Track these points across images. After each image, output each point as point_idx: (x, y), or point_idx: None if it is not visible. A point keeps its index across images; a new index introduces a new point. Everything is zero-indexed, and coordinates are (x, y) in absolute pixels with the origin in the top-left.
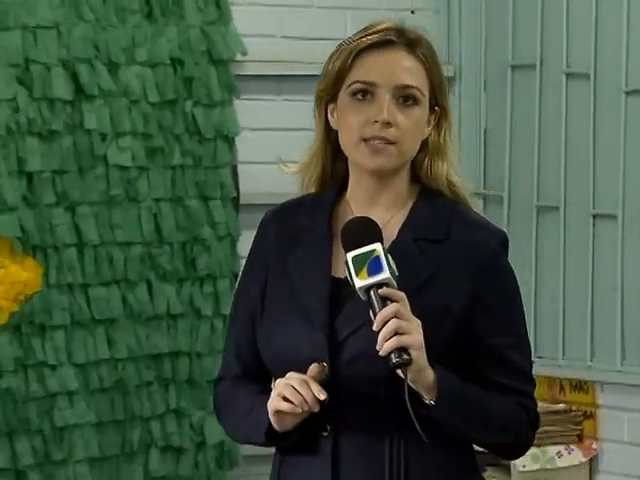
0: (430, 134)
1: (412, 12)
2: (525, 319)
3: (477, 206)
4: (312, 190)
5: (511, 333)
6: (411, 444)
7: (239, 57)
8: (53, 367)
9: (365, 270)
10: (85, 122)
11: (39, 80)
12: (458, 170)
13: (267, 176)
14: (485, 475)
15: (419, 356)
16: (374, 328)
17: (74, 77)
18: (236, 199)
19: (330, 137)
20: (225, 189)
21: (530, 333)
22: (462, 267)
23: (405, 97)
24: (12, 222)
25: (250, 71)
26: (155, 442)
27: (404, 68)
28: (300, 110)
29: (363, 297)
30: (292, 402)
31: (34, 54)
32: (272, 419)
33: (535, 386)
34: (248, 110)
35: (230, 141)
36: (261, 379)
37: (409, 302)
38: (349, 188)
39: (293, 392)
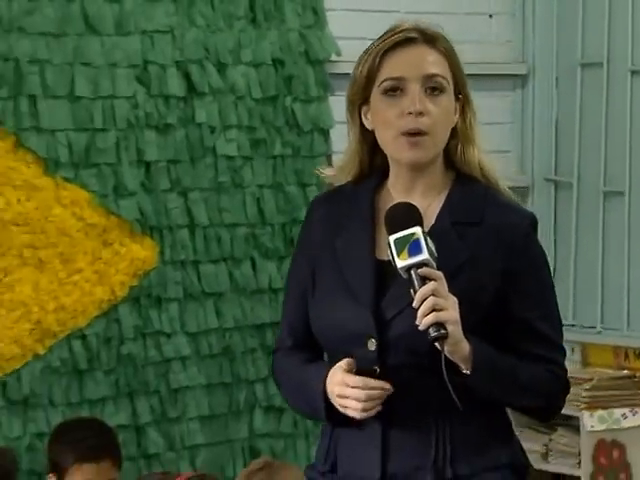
0: (457, 121)
1: (490, 16)
2: (555, 294)
3: (506, 189)
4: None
5: (541, 307)
6: (454, 413)
7: (333, 57)
8: (168, 335)
9: (406, 251)
10: (196, 116)
11: (156, 79)
12: (487, 155)
13: None
14: (555, 434)
15: (455, 330)
16: (414, 305)
17: (186, 76)
18: (330, 185)
19: (366, 138)
20: (320, 176)
21: (597, 307)
22: (496, 248)
23: (432, 87)
24: (132, 206)
25: (343, 70)
26: (259, 402)
27: (428, 60)
28: None
29: (404, 276)
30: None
31: (151, 56)
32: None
33: (565, 354)
34: (341, 105)
35: (325, 133)
36: (312, 350)
37: (447, 282)
38: (390, 178)
39: (359, 403)
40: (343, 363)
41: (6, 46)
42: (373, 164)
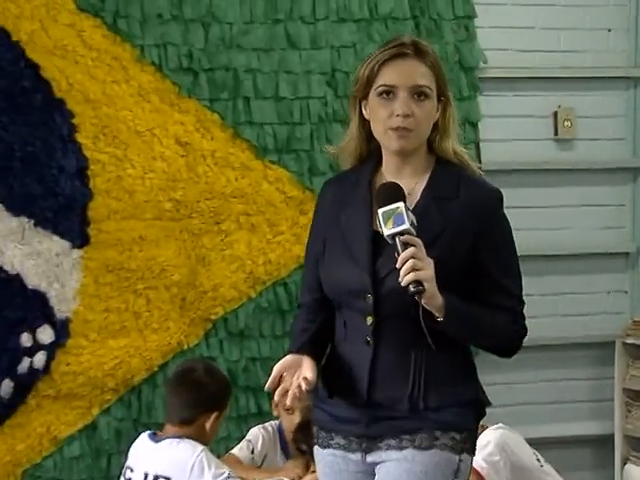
0: (438, 118)
1: (609, 30)
2: (517, 255)
3: (477, 169)
4: (350, 165)
5: (505, 265)
6: (429, 356)
7: (481, 65)
8: None
9: (391, 222)
10: None
11: (342, 83)
12: (460, 143)
13: (500, 150)
14: (635, 367)
15: (430, 286)
16: (397, 266)
17: None
18: (478, 167)
19: (364, 125)
20: (470, 158)
21: None
22: (469, 217)
23: (418, 94)
24: (322, 183)
25: (489, 74)
26: None
27: (417, 72)
28: (527, 102)
29: (390, 242)
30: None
31: (338, 65)
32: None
33: (524, 304)
34: (488, 102)
35: (474, 125)
36: (325, 304)
37: (428, 246)
38: (383, 164)
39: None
40: (305, 377)
41: (227, 59)
42: (369, 148)
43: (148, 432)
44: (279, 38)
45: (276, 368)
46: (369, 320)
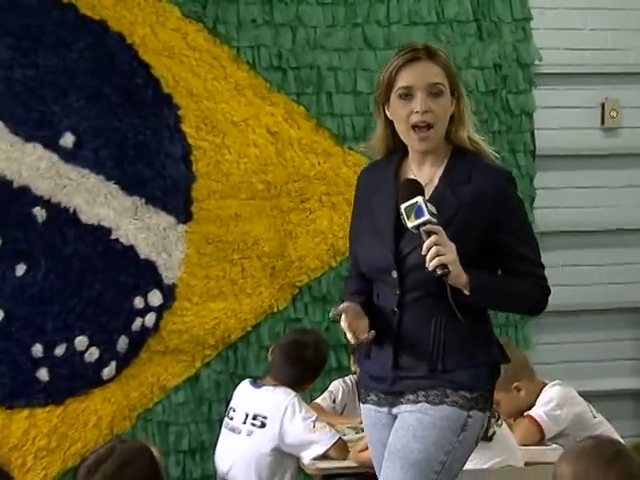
0: (454, 111)
1: None
2: (531, 226)
3: (491, 155)
4: (381, 156)
5: (521, 236)
6: (449, 322)
7: (536, 62)
8: None
9: (413, 215)
10: None
11: None
12: (475, 132)
13: (553, 137)
14: None
15: (455, 268)
16: (422, 253)
17: None
18: (533, 151)
19: (389, 125)
20: (526, 145)
21: None
22: (482, 200)
23: (434, 92)
24: None
25: (543, 71)
26: None
27: (430, 73)
28: (577, 95)
29: (415, 232)
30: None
31: None
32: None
33: (544, 268)
34: (542, 95)
35: (530, 115)
36: (365, 278)
37: (445, 226)
38: (409, 155)
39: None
40: (363, 336)
41: (312, 58)
42: (396, 143)
43: (249, 379)
44: (357, 39)
45: (346, 305)
46: (395, 292)
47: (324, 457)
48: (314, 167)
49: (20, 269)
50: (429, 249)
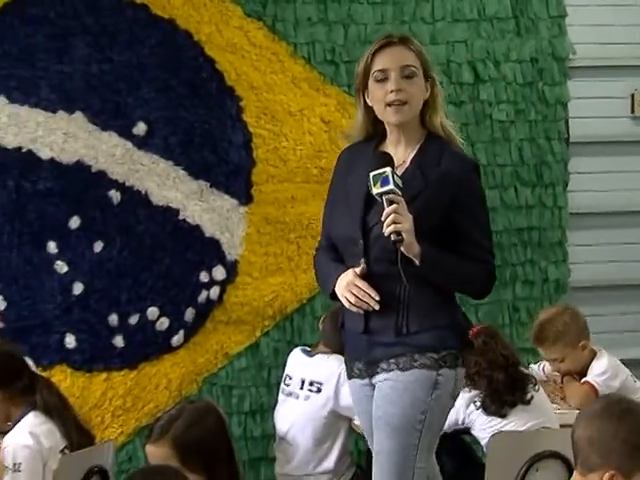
0: (428, 97)
1: None
2: (488, 215)
3: (460, 143)
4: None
5: (477, 223)
6: (411, 286)
7: (570, 56)
8: None
9: (379, 183)
10: (480, 95)
11: (454, 72)
12: (447, 119)
13: (586, 126)
14: None
15: (408, 236)
16: (382, 219)
17: (474, 70)
18: (567, 139)
19: (368, 112)
20: (561, 133)
21: None
22: (447, 182)
23: (407, 74)
24: None
25: (577, 64)
26: (519, 278)
27: (403, 56)
28: (608, 86)
29: (378, 199)
30: (357, 305)
31: (452, 57)
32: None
33: (494, 256)
34: (576, 87)
35: (564, 105)
36: (336, 249)
37: (410, 202)
38: (387, 137)
39: (357, 299)
40: (357, 269)
41: (362, 53)
42: (375, 129)
43: (301, 348)
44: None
45: (346, 287)
46: (361, 262)
47: None
48: None
49: (97, 246)
50: (388, 216)
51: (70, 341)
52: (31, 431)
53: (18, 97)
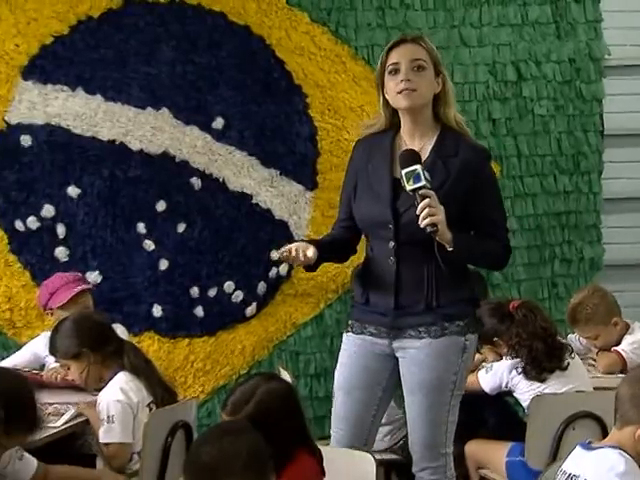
0: (440, 91)
1: None
2: (502, 199)
3: (470, 134)
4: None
5: (494, 205)
6: (437, 268)
7: (606, 56)
8: None
9: (412, 180)
10: (523, 92)
11: (500, 71)
12: (458, 113)
13: (619, 120)
14: None
15: (442, 226)
16: (417, 212)
17: (517, 69)
18: (602, 132)
19: (387, 105)
20: (596, 126)
21: None
22: (465, 171)
23: (417, 66)
24: (485, 145)
25: (612, 64)
26: (557, 256)
27: (414, 50)
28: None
29: (411, 194)
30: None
31: (497, 58)
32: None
33: (508, 232)
34: (610, 84)
35: (599, 101)
36: (348, 230)
37: (437, 194)
38: (401, 129)
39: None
40: (311, 252)
41: None
42: (392, 122)
43: None
44: (454, 39)
45: (290, 245)
46: (391, 244)
47: None
48: None
49: (181, 227)
50: (423, 210)
51: (157, 311)
52: (121, 387)
53: (112, 95)
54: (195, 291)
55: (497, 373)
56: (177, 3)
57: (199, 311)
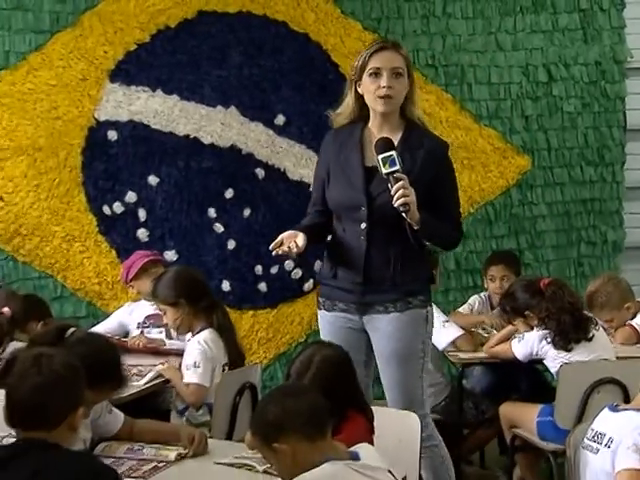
0: (408, 92)
1: None
2: (457, 187)
3: (428, 128)
4: (345, 123)
5: (451, 194)
6: (402, 247)
7: (628, 59)
8: None
9: (387, 164)
10: (553, 91)
11: (531, 73)
12: (420, 110)
13: (639, 115)
14: None
15: (413, 207)
16: (392, 193)
17: (548, 71)
18: (624, 127)
19: (358, 99)
20: (619, 122)
21: None
22: (430, 161)
23: (395, 73)
24: (518, 138)
25: (634, 65)
26: (583, 239)
27: (394, 59)
28: None
29: (385, 177)
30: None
31: (530, 61)
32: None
33: (461, 223)
34: (632, 84)
35: (622, 99)
36: (322, 213)
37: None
38: (370, 122)
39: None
40: (296, 242)
41: (457, 58)
42: (360, 114)
43: None
44: (491, 44)
45: (280, 236)
46: (363, 225)
47: (455, 346)
48: (458, 139)
49: (246, 212)
50: (398, 190)
51: (225, 286)
52: (208, 343)
53: (187, 95)
54: (259, 269)
55: (528, 343)
56: (244, 13)
57: (262, 286)
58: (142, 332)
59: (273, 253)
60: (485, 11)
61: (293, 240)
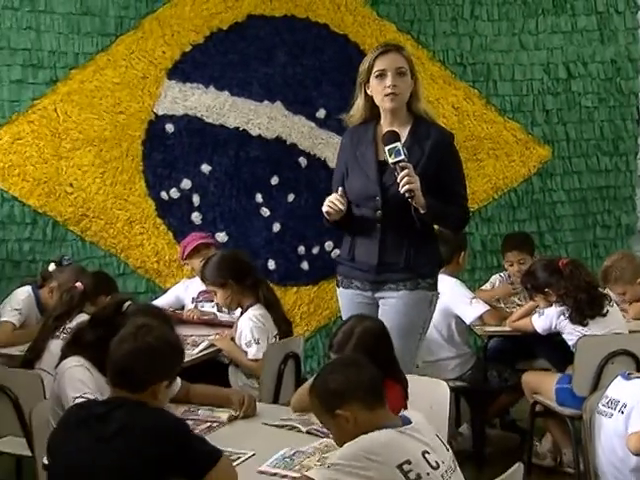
0: (413, 89)
1: None
2: (464, 173)
3: (437, 120)
4: (357, 123)
5: (458, 179)
6: (414, 233)
7: None
8: None
9: (393, 154)
10: (572, 87)
11: (553, 70)
12: (427, 105)
13: None
14: None
15: (418, 192)
16: (398, 180)
17: (567, 68)
18: (638, 120)
19: (367, 99)
20: (633, 115)
21: None
22: (437, 149)
23: (399, 73)
24: (539, 130)
25: None
26: (598, 223)
27: (398, 60)
28: None
29: (392, 167)
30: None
31: (551, 60)
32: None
33: (467, 200)
34: None
35: (636, 94)
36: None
37: (414, 169)
38: (381, 120)
39: (331, 203)
40: (339, 192)
41: (483, 57)
42: (371, 113)
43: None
44: (515, 44)
45: (329, 198)
46: (378, 213)
47: (482, 320)
48: (483, 131)
49: (290, 197)
50: (403, 178)
51: (271, 265)
52: (260, 317)
53: (237, 91)
54: (302, 249)
55: (548, 317)
56: (289, 17)
57: (305, 265)
58: (196, 306)
59: (324, 209)
60: (509, 14)
61: (339, 201)
